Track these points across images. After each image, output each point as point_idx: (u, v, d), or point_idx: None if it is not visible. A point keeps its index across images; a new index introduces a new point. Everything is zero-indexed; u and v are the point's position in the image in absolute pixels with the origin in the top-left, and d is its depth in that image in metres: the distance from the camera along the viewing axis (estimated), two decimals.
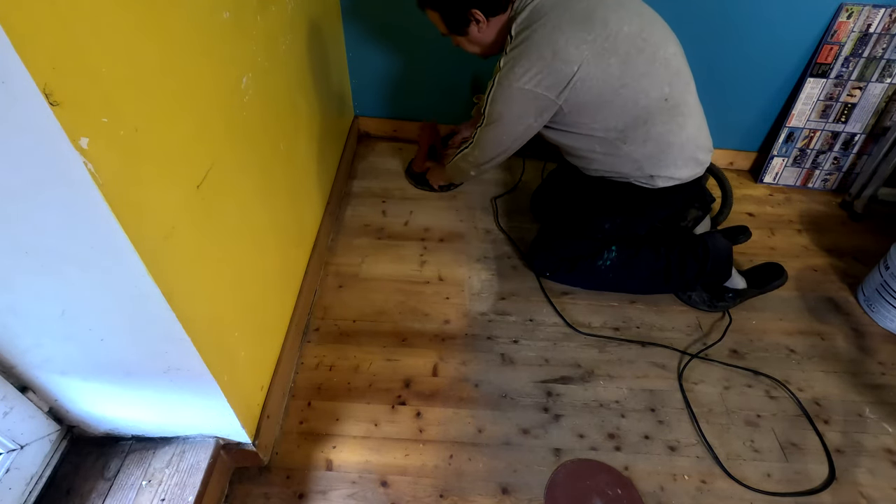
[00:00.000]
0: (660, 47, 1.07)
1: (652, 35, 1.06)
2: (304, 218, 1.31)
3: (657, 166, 1.17)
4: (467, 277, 1.45)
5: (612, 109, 1.08)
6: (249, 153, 0.91)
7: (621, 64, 1.03)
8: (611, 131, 1.13)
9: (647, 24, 1.06)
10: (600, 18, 1.01)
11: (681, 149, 1.15)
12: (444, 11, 1.11)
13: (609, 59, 1.02)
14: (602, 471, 1.06)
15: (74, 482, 0.88)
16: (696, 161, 1.19)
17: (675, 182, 1.20)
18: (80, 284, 0.62)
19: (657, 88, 1.08)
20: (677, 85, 1.10)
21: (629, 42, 1.03)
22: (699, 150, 1.18)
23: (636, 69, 1.04)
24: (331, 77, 1.53)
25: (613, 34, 1.01)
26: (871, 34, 1.54)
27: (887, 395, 1.23)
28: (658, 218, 1.35)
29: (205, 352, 0.75)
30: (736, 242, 1.50)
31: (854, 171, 1.78)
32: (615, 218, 1.30)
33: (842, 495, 1.05)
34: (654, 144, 1.13)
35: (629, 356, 1.28)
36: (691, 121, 1.14)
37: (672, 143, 1.13)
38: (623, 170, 1.20)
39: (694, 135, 1.15)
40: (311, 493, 1.00)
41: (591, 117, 1.11)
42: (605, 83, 1.04)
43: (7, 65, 0.41)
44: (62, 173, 0.49)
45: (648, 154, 1.15)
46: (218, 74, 0.77)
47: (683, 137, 1.14)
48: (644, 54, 1.04)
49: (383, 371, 1.21)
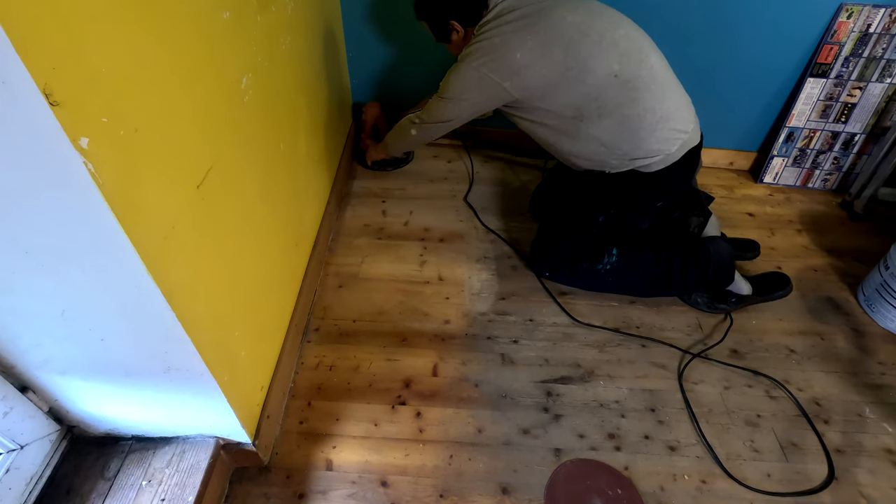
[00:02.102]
0: (607, 30, 1.16)
1: (599, 21, 1.17)
2: (304, 218, 1.31)
3: (625, 144, 1.20)
4: (467, 277, 1.45)
5: (562, 90, 1.17)
6: (249, 153, 0.91)
7: (564, 50, 1.14)
8: (566, 109, 1.20)
9: (594, 14, 1.18)
10: (545, 14, 1.15)
11: (640, 120, 1.17)
12: (431, 22, 1.33)
13: (551, 48, 1.14)
14: (602, 471, 1.06)
15: (74, 482, 0.88)
16: (665, 134, 1.19)
17: (650, 159, 1.20)
18: (80, 284, 0.62)
19: (604, 66, 1.14)
20: (628, 63, 1.15)
21: (573, 29, 1.14)
22: (663, 122, 1.18)
23: (579, 52, 1.14)
24: (331, 77, 1.53)
25: (557, 24, 1.14)
26: (871, 34, 1.54)
27: (887, 395, 1.23)
28: (654, 209, 1.34)
29: (205, 352, 0.75)
30: (742, 258, 1.50)
31: (854, 171, 1.78)
32: (608, 209, 1.30)
33: (842, 495, 1.05)
34: (611, 120, 1.18)
35: (629, 356, 1.28)
36: (648, 94, 1.16)
37: (628, 115, 1.17)
38: (594, 153, 1.24)
39: (652, 106, 1.17)
40: (311, 493, 1.00)
41: (545, 101, 1.20)
42: (550, 69, 1.15)
43: (7, 65, 0.41)
44: (62, 173, 0.49)
45: (609, 131, 1.19)
46: (218, 74, 0.77)
47: (640, 109, 1.17)
48: (589, 38, 1.14)
49: (383, 371, 1.21)
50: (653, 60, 1.18)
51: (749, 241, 1.53)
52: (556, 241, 1.38)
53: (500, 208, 1.69)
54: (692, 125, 1.24)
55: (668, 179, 1.25)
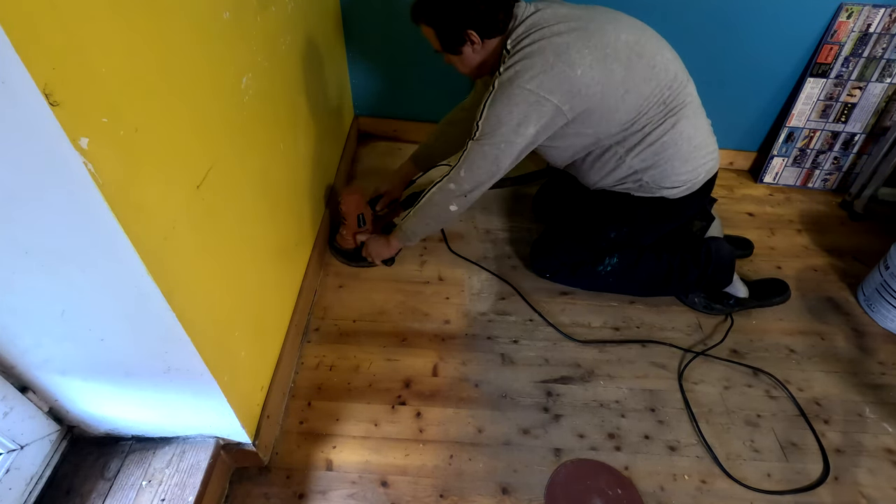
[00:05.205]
0: (657, 53, 1.08)
1: (649, 42, 1.08)
2: (304, 218, 1.31)
3: (658, 172, 1.16)
4: (467, 277, 1.45)
5: (615, 114, 1.08)
6: (249, 153, 0.91)
7: (624, 70, 1.04)
8: (609, 135, 1.12)
9: (641, 33, 1.09)
10: (597, 28, 1.03)
11: (677, 148, 1.14)
12: (440, 29, 1.09)
13: (611, 64, 1.02)
14: (602, 471, 1.06)
15: (74, 482, 0.88)
16: (696, 164, 1.18)
17: (677, 188, 1.19)
18: (80, 284, 0.62)
19: (656, 92, 1.08)
20: (674, 89, 1.11)
21: (628, 48, 1.04)
22: (697, 150, 1.17)
23: (636, 74, 1.05)
24: (331, 77, 1.53)
25: (613, 41, 1.03)
26: (871, 34, 1.54)
27: (887, 395, 1.23)
28: (664, 231, 1.35)
29: (205, 352, 0.74)
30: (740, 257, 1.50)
31: (854, 171, 1.78)
32: (621, 228, 1.29)
33: (842, 495, 1.05)
34: (651, 149, 1.14)
35: (629, 356, 1.28)
36: (686, 122, 1.14)
37: (666, 143, 1.13)
38: (625, 180, 1.20)
39: (690, 134, 1.15)
40: (311, 493, 1.00)
41: (592, 125, 1.10)
42: (610, 88, 1.04)
43: (7, 65, 0.41)
44: (62, 173, 0.49)
45: (646, 159, 1.15)
46: (218, 74, 0.77)
47: (679, 136, 1.14)
48: (643, 60, 1.06)
49: (383, 371, 1.21)
50: (690, 86, 1.15)
51: (743, 239, 1.53)
52: (562, 246, 1.37)
53: (500, 208, 1.69)
54: (715, 152, 1.22)
55: (687, 205, 1.24)
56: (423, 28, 1.12)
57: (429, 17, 1.09)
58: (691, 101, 1.15)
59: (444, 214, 1.21)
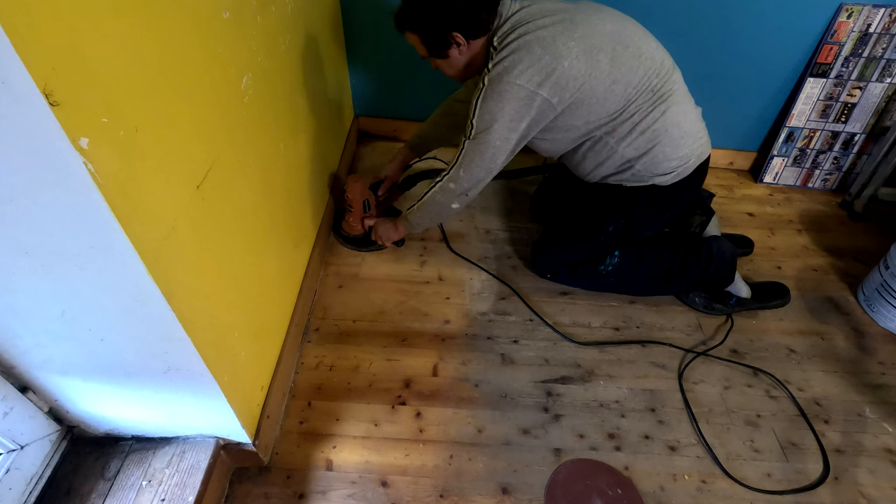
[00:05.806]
0: (643, 43, 1.10)
1: (634, 32, 1.10)
2: (304, 218, 1.31)
3: (650, 160, 1.17)
4: (467, 277, 1.45)
5: (603, 105, 1.09)
6: (249, 153, 0.91)
7: (611, 60, 1.05)
8: (599, 126, 1.13)
9: (626, 24, 1.10)
10: (583, 20, 1.04)
11: (667, 136, 1.15)
12: (425, 34, 1.09)
13: (598, 55, 1.04)
14: (602, 471, 1.06)
15: (74, 482, 0.88)
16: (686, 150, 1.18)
17: (668, 174, 1.19)
18: (80, 284, 0.62)
19: (643, 81, 1.09)
20: (661, 78, 1.12)
21: (614, 39, 1.06)
22: (686, 137, 1.17)
23: (622, 64, 1.06)
24: (331, 77, 1.53)
25: (598, 32, 1.05)
26: (871, 34, 1.54)
27: (887, 394, 1.23)
28: (663, 220, 1.35)
29: (205, 352, 0.75)
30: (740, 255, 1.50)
31: (854, 171, 1.78)
32: (619, 220, 1.29)
33: (842, 495, 1.05)
34: (642, 137, 1.15)
35: (629, 356, 1.28)
36: (676, 109, 1.15)
37: (657, 130, 1.14)
38: (617, 169, 1.20)
39: (678, 121, 1.15)
40: (311, 493, 1.00)
41: (580, 116, 1.10)
42: (598, 78, 1.05)
43: (7, 65, 0.41)
44: (62, 173, 0.49)
45: (637, 148, 1.16)
46: (218, 74, 0.77)
47: (668, 124, 1.14)
48: (629, 49, 1.07)
49: (383, 371, 1.21)
50: (676, 74, 1.16)
51: (743, 237, 1.53)
52: (561, 245, 1.37)
53: (500, 208, 1.69)
54: (705, 137, 1.23)
55: (681, 191, 1.24)
56: (408, 35, 1.13)
57: (412, 24, 1.09)
58: (678, 89, 1.16)
59: (445, 211, 1.26)
